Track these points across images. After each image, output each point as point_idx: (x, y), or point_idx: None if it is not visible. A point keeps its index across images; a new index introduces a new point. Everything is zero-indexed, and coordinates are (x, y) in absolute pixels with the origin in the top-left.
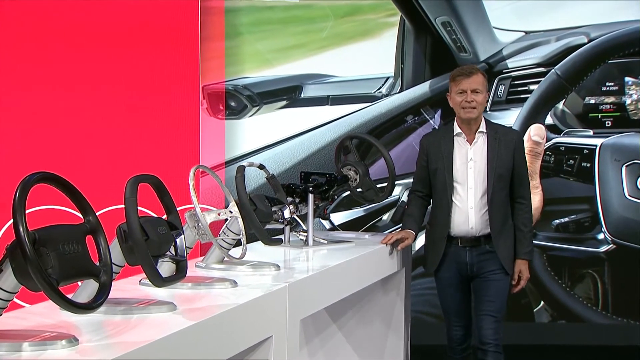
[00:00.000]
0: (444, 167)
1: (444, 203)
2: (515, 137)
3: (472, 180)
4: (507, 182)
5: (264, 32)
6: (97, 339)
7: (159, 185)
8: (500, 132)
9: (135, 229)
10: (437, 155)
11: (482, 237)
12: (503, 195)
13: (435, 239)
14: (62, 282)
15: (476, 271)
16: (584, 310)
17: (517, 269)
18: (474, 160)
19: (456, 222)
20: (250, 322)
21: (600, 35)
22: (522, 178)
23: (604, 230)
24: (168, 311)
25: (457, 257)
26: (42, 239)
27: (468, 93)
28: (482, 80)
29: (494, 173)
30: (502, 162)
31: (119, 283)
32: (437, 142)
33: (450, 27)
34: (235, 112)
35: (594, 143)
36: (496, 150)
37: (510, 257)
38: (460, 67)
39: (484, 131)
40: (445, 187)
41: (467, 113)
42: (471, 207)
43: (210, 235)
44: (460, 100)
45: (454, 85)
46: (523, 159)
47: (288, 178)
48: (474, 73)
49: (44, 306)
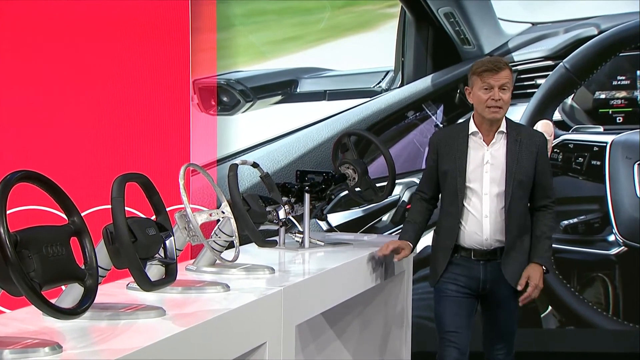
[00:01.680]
0: (456, 169)
1: (453, 209)
2: (540, 140)
3: (487, 186)
4: (528, 190)
5: (258, 24)
6: (81, 346)
7: (147, 184)
8: (524, 134)
9: (122, 230)
10: (449, 155)
11: (497, 250)
12: (522, 204)
13: (441, 249)
14: (45, 286)
15: (489, 289)
16: (594, 316)
17: (526, 274)
18: (491, 163)
19: (468, 231)
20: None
21: (611, 27)
22: (545, 186)
23: (614, 232)
24: (157, 317)
25: (469, 271)
26: (24, 241)
27: (495, 90)
28: (510, 76)
29: (513, 179)
30: (523, 167)
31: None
32: (449, 140)
33: (454, 18)
34: (228, 108)
35: (604, 140)
36: (517, 153)
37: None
38: (484, 59)
39: (504, 131)
40: (456, 192)
41: (493, 113)
42: (486, 215)
43: (202, 237)
44: (486, 98)
45: (479, 80)
46: (548, 164)
47: (283, 177)
48: (503, 67)
49: (26, 312)
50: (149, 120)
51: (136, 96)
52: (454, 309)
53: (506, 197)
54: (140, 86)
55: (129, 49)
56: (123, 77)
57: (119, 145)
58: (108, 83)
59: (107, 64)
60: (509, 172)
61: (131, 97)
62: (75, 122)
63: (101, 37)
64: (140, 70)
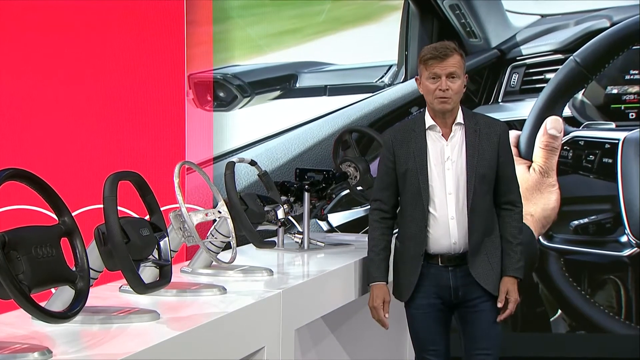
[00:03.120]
0: (417, 168)
1: (417, 214)
2: (500, 129)
3: (451, 184)
4: (491, 184)
5: (256, 16)
6: (72, 351)
7: (140, 182)
8: (482, 124)
9: (114, 230)
10: (407, 153)
11: (466, 254)
12: (486, 201)
13: (408, 259)
14: (34, 288)
15: (462, 297)
16: (606, 320)
17: (504, 289)
18: (452, 159)
19: (434, 236)
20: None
21: (623, 19)
22: (509, 179)
23: (627, 232)
24: (151, 320)
25: (438, 280)
26: (13, 242)
27: (442, 79)
28: (459, 62)
29: (474, 173)
30: (484, 159)
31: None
32: (406, 137)
33: (459, 10)
34: (224, 104)
35: (616, 137)
36: (477, 144)
37: (489, 275)
38: (431, 45)
39: (462, 122)
40: (419, 193)
41: (442, 103)
42: (452, 217)
43: (197, 238)
44: (433, 88)
45: (424, 69)
46: (510, 156)
47: (282, 175)
48: (450, 54)
49: (14, 315)
50: (142, 116)
51: (129, 91)
52: (429, 326)
53: (468, 194)
54: (133, 81)
55: (122, 43)
56: (115, 72)
57: (111, 142)
58: (100, 78)
59: (99, 58)
60: (470, 166)
61: (124, 92)
62: (65, 118)
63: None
64: (133, 64)
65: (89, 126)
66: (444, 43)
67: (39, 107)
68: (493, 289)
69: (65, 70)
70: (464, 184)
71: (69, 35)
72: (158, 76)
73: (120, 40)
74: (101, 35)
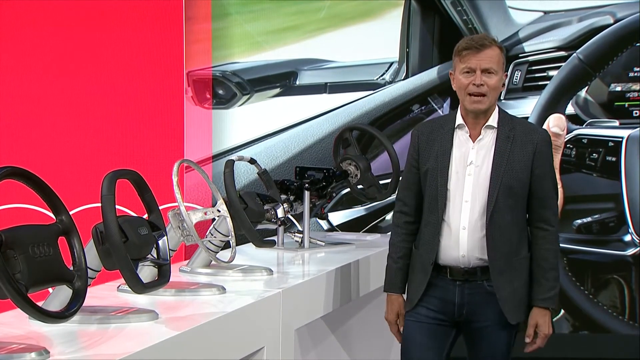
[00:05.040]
0: (437, 169)
1: (432, 219)
2: (539, 138)
3: (468, 191)
4: (520, 198)
5: (255, 12)
6: (70, 351)
7: (139, 181)
8: (518, 130)
9: (112, 229)
10: (430, 152)
11: (478, 269)
12: (512, 215)
13: (419, 268)
14: (31, 288)
15: (466, 316)
16: (609, 320)
17: (533, 322)
18: (475, 164)
19: (444, 246)
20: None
21: (627, 15)
22: (545, 195)
23: (631, 232)
24: (149, 320)
25: (444, 293)
26: (10, 241)
27: (477, 74)
28: (498, 56)
29: (499, 183)
30: (513, 169)
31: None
32: (432, 134)
33: (461, 6)
34: (224, 101)
35: (620, 135)
36: (507, 152)
37: (515, 302)
38: (469, 36)
39: (494, 126)
40: (436, 197)
41: (475, 103)
42: (463, 227)
43: (196, 237)
44: (467, 83)
45: (459, 61)
46: (549, 169)
47: (282, 174)
48: (488, 45)
49: (11, 315)
50: (140, 114)
51: (127, 89)
52: (423, 340)
53: (488, 205)
54: (131, 78)
55: (120, 40)
56: (113, 69)
57: (109, 140)
58: (98, 75)
59: (97, 55)
60: (495, 175)
61: (122, 89)
62: (63, 116)
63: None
64: (131, 61)
65: (87, 124)
66: (483, 34)
67: (36, 105)
68: (510, 313)
69: (63, 68)
70: (484, 193)
71: (67, 33)
72: (156, 74)
73: (119, 37)
74: (99, 32)
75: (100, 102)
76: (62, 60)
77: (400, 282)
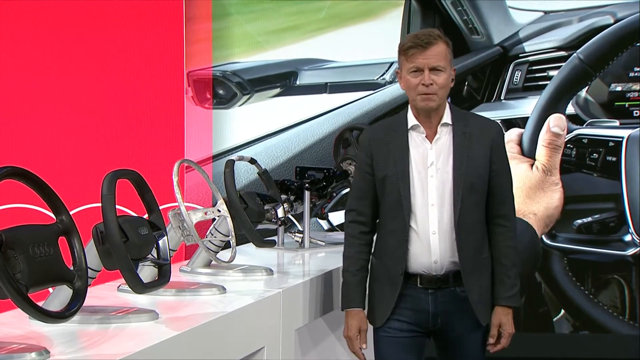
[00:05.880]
0: (397, 174)
1: (397, 226)
2: (494, 131)
3: (434, 195)
4: (481, 195)
5: (255, 12)
6: (70, 351)
7: (139, 181)
8: (473, 125)
9: (113, 229)
10: (386, 157)
11: (450, 275)
12: (476, 214)
13: (385, 280)
14: (31, 288)
15: (441, 324)
16: (609, 320)
17: (497, 322)
18: (436, 165)
19: (413, 253)
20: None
21: (627, 15)
22: (503, 190)
23: (631, 232)
24: (149, 320)
25: (415, 303)
26: (10, 241)
27: (426, 73)
28: (444, 52)
29: (462, 182)
30: (474, 166)
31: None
32: (386, 138)
33: (461, 6)
34: (224, 101)
35: (620, 135)
36: (466, 149)
37: (484, 303)
38: (413, 33)
39: (449, 123)
40: (399, 204)
41: (425, 101)
42: (434, 232)
43: (196, 237)
44: (415, 83)
45: (406, 61)
46: (505, 163)
47: (282, 173)
48: (433, 42)
49: (11, 315)
50: (141, 114)
51: (128, 89)
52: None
53: (455, 206)
54: (131, 78)
55: (120, 40)
56: (114, 69)
57: (109, 140)
58: (98, 75)
59: (97, 55)
60: (457, 174)
61: (122, 90)
62: (63, 116)
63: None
64: (131, 61)
65: (87, 124)
66: (428, 30)
67: (36, 105)
68: (482, 315)
69: (63, 68)
70: (450, 194)
71: (67, 33)
72: (157, 74)
73: (119, 37)
74: (100, 32)
75: (101, 102)
76: (63, 60)
77: (360, 296)
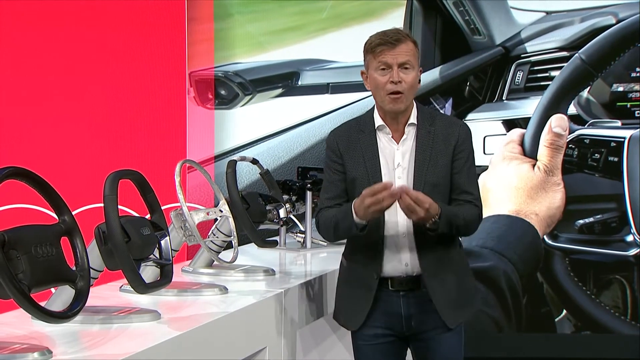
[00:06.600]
0: (368, 175)
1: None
2: (460, 130)
3: None
4: (446, 195)
5: (257, 13)
6: (72, 351)
7: (141, 181)
8: (439, 124)
9: (115, 229)
10: (357, 158)
11: (421, 277)
12: None
13: (358, 284)
14: (34, 288)
15: (415, 328)
16: (611, 320)
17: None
18: (402, 165)
19: (386, 256)
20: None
21: (629, 16)
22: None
23: (633, 232)
24: (151, 320)
25: (388, 306)
26: (12, 241)
27: (394, 70)
28: (412, 50)
29: (423, 182)
30: (436, 166)
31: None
32: (353, 140)
33: (463, 6)
34: (226, 101)
35: (622, 135)
36: (429, 149)
37: (450, 306)
38: (381, 32)
39: (415, 123)
40: None
41: (394, 102)
42: (403, 233)
43: (198, 237)
44: (384, 81)
45: (372, 58)
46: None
47: (284, 174)
48: (402, 40)
49: (14, 315)
50: (143, 114)
51: (130, 89)
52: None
53: None
54: (134, 79)
55: (123, 41)
56: (116, 70)
57: (111, 140)
58: (100, 75)
59: (100, 56)
60: (418, 174)
61: (125, 90)
62: (66, 116)
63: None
64: (134, 62)
65: (90, 124)
66: (395, 29)
67: (39, 105)
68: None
69: (65, 69)
70: None
71: (69, 33)
72: (159, 74)
73: (121, 38)
74: (102, 33)
75: (103, 102)
76: (65, 60)
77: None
